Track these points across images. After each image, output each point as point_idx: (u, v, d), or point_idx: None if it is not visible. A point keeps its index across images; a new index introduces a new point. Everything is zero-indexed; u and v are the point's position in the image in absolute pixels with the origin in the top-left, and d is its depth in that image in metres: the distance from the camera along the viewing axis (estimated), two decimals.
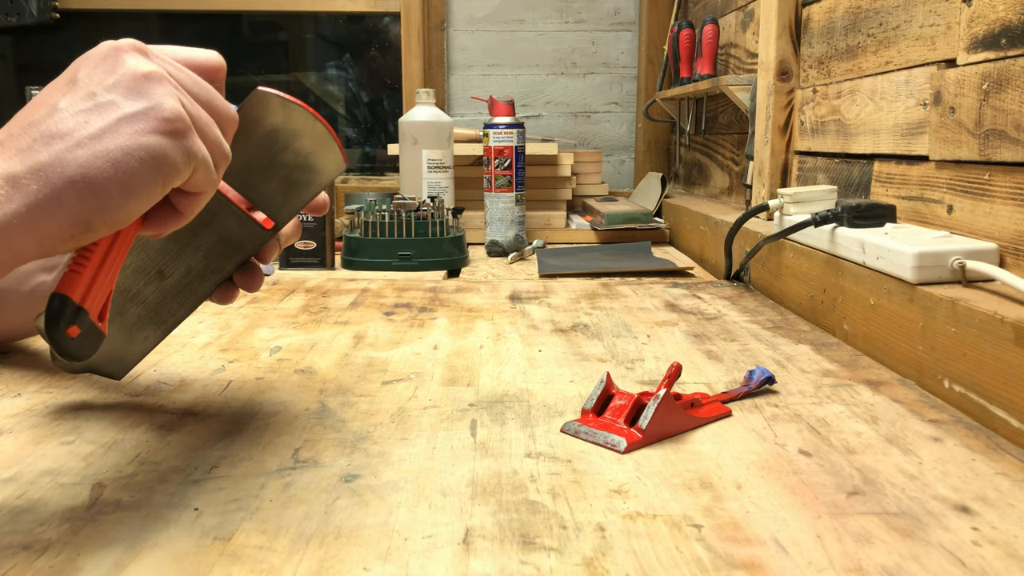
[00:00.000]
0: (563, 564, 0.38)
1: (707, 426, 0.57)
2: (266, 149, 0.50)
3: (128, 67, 0.41)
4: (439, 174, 1.47)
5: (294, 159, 0.51)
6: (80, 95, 0.40)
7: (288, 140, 0.50)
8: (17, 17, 1.98)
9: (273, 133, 0.50)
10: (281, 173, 0.51)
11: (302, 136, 0.50)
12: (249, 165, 0.51)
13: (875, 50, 0.92)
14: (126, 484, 0.47)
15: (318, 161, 0.51)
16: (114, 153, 0.39)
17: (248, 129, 0.49)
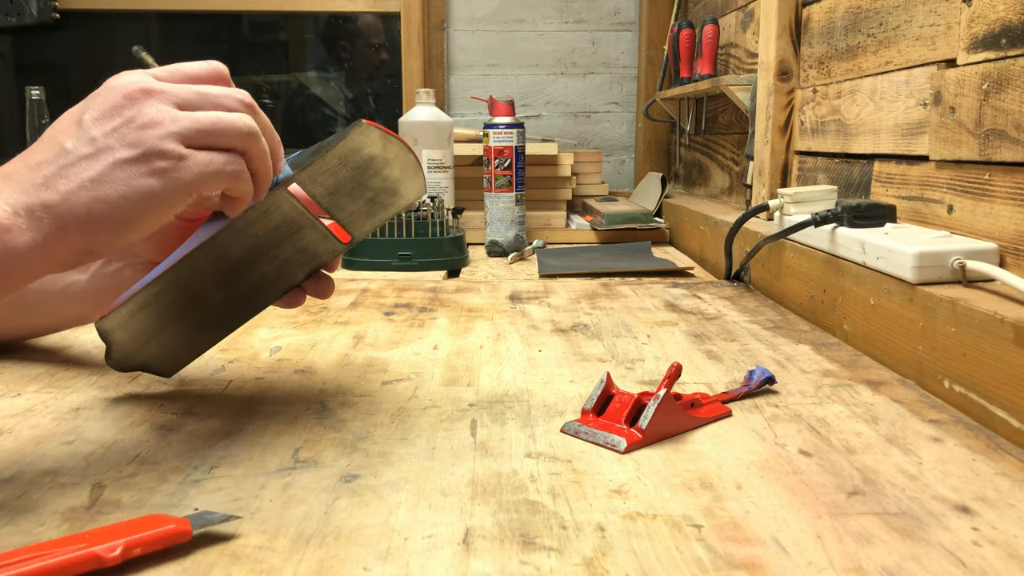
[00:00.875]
0: (563, 564, 0.38)
1: (707, 426, 0.57)
2: (359, 174, 0.55)
3: (127, 115, 0.45)
4: (439, 174, 1.47)
5: (382, 184, 0.56)
6: (83, 140, 0.45)
7: (380, 167, 0.55)
8: (17, 17, 1.98)
9: (368, 161, 0.55)
10: (367, 195, 0.56)
11: (394, 165, 0.55)
12: (340, 187, 0.55)
13: (875, 50, 0.92)
14: (126, 484, 0.47)
15: (403, 187, 0.56)
16: (111, 197, 0.44)
17: (346, 157, 0.54)
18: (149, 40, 2.11)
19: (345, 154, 0.53)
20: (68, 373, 0.68)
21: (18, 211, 0.44)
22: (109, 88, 0.46)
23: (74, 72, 2.19)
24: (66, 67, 2.18)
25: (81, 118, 0.46)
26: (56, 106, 1.55)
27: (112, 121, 0.45)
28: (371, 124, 0.53)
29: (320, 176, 0.54)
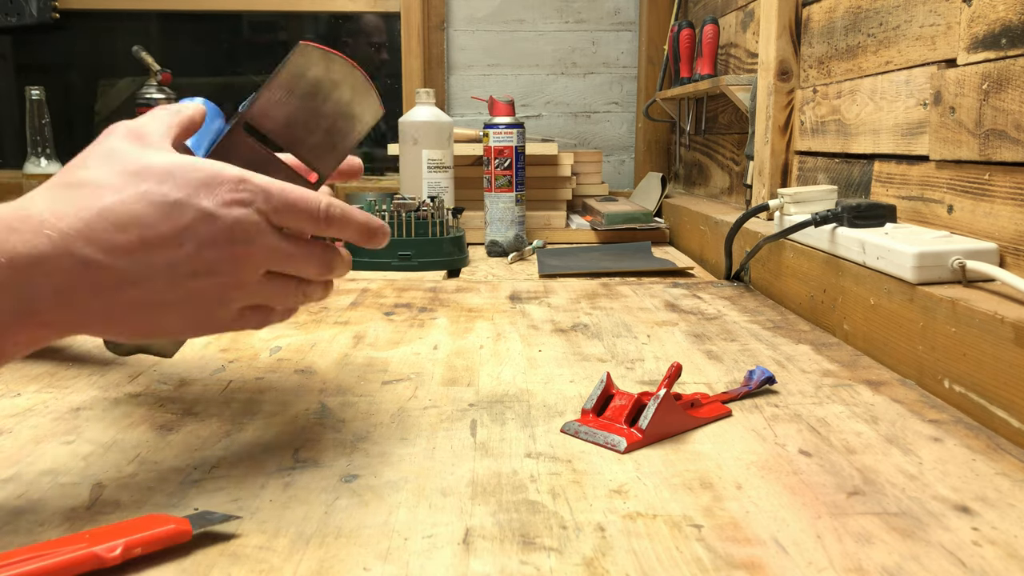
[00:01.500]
0: (563, 564, 0.38)
1: (707, 426, 0.57)
2: (309, 101, 0.52)
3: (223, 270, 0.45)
4: (439, 174, 1.47)
5: (335, 108, 0.53)
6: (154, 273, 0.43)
7: (329, 90, 0.52)
8: (17, 17, 1.98)
9: (316, 85, 0.52)
10: (324, 124, 0.53)
11: (342, 85, 0.52)
12: (294, 119, 0.52)
13: (875, 50, 0.92)
14: (126, 484, 0.47)
15: (358, 109, 0.53)
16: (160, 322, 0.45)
17: (291, 84, 0.52)
18: (149, 40, 2.11)
19: (290, 81, 0.51)
20: (68, 373, 0.68)
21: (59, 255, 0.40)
22: (215, 216, 0.44)
23: (74, 72, 2.19)
24: (66, 67, 2.18)
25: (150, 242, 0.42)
26: (56, 106, 1.55)
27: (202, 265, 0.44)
28: (310, 44, 0.51)
29: (271, 110, 0.52)
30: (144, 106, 1.66)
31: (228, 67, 2.19)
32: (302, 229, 0.48)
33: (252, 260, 0.45)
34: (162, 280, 0.43)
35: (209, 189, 0.44)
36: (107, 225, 0.41)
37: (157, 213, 0.42)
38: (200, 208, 0.43)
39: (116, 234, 0.41)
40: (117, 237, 0.41)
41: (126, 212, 0.42)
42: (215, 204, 0.43)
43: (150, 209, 0.42)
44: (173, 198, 0.43)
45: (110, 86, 2.15)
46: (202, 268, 0.44)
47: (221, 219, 0.44)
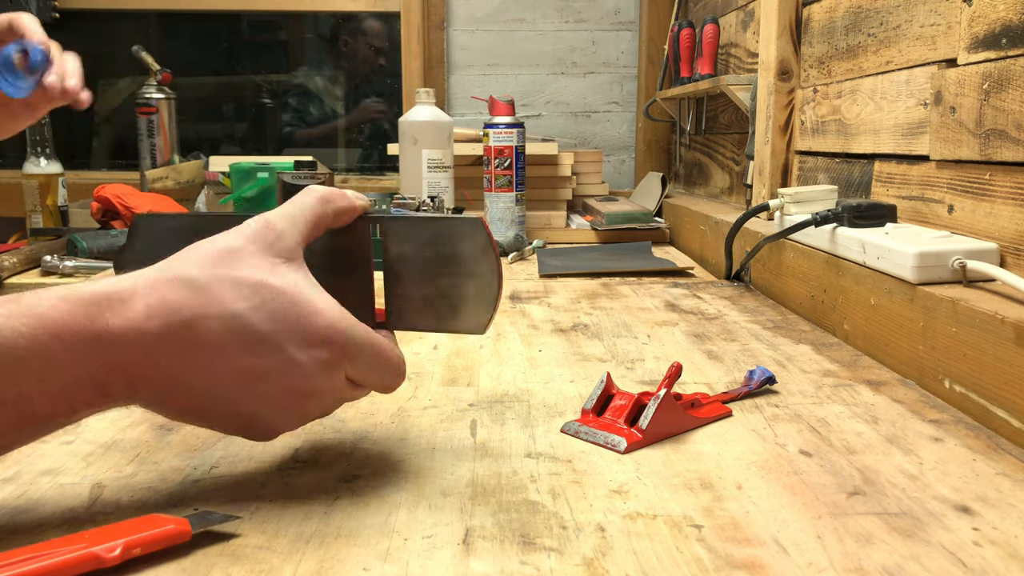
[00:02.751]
0: (563, 564, 0.38)
1: (707, 426, 0.57)
2: (438, 264, 0.50)
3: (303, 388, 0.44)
4: (439, 174, 1.47)
5: (449, 291, 0.50)
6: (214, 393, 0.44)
7: (461, 273, 0.50)
8: None
9: (456, 257, 0.49)
10: (430, 291, 0.50)
11: (474, 280, 0.50)
12: (413, 262, 0.50)
13: (876, 50, 0.92)
14: (126, 484, 0.47)
15: (466, 310, 0.50)
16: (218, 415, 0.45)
17: (440, 237, 0.49)
18: (149, 40, 2.11)
19: (440, 233, 0.49)
20: None
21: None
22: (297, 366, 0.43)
23: None
24: None
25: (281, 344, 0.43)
26: None
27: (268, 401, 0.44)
28: (485, 226, 0.49)
29: (405, 236, 0.49)
30: (144, 106, 1.66)
31: (228, 67, 2.19)
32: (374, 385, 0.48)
33: (317, 402, 0.46)
34: (223, 399, 0.44)
35: (300, 336, 0.43)
36: (189, 335, 0.42)
37: (238, 340, 0.42)
38: (284, 352, 0.43)
39: (194, 347, 0.42)
40: (193, 351, 0.42)
41: (212, 329, 0.42)
42: (301, 357, 0.43)
43: (233, 335, 0.42)
44: (261, 330, 0.42)
45: (110, 86, 2.15)
46: (266, 400, 0.44)
47: (299, 374, 0.44)
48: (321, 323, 0.43)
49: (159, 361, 0.42)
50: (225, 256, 0.43)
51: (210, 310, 0.42)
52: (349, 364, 0.45)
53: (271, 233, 0.44)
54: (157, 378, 0.42)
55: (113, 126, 2.15)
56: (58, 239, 1.38)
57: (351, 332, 0.44)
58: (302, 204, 0.46)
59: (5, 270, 1.21)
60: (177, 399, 0.44)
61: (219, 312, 0.42)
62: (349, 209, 0.48)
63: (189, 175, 1.63)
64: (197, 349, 0.42)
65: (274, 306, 0.43)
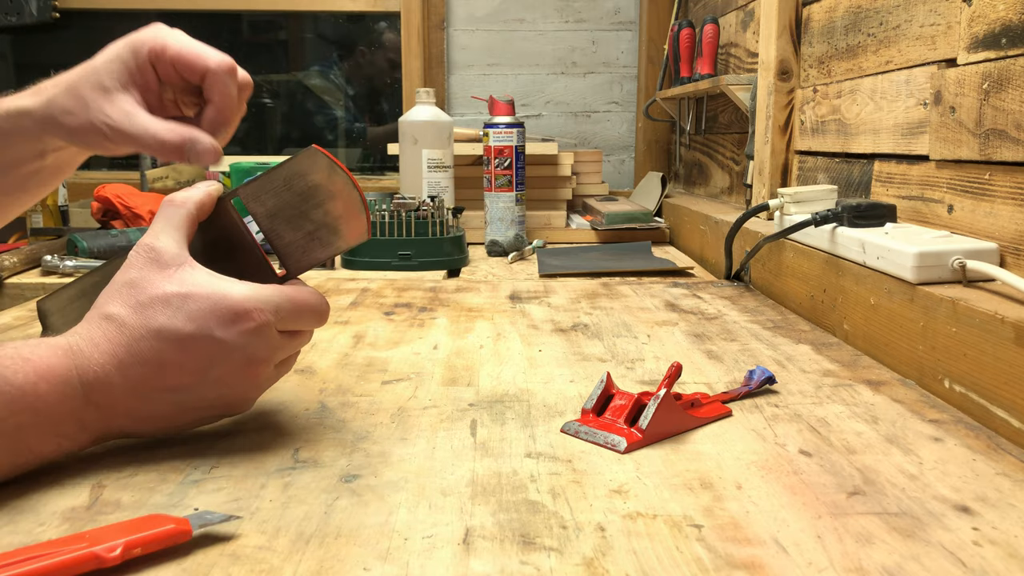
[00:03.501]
0: (563, 564, 0.38)
1: (707, 426, 0.57)
2: (302, 201, 0.54)
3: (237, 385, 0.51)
4: (439, 174, 1.47)
5: (323, 218, 0.54)
6: (179, 396, 0.50)
7: (324, 199, 0.54)
8: (17, 17, 1.98)
9: (313, 189, 0.53)
10: (307, 227, 0.54)
11: (338, 198, 0.54)
12: (281, 212, 0.54)
13: (875, 49, 0.92)
14: (126, 484, 0.47)
15: (345, 226, 0.54)
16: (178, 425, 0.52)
17: (291, 180, 0.53)
18: None
19: (290, 176, 0.53)
20: None
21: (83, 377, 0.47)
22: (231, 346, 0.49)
23: None
24: (66, 67, 2.17)
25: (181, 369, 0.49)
26: None
27: (224, 382, 0.50)
28: (320, 150, 0.53)
29: (263, 195, 0.53)
30: None
31: None
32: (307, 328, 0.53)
33: (268, 364, 0.52)
34: (187, 398, 0.50)
35: (221, 320, 0.48)
36: (133, 361, 0.48)
37: (172, 348, 0.48)
38: (215, 339, 0.48)
39: (141, 368, 0.48)
40: (143, 372, 0.48)
41: (147, 349, 0.48)
42: (230, 335, 0.49)
43: (166, 346, 0.48)
44: (187, 332, 0.48)
45: None
46: (224, 378, 0.50)
47: (238, 349, 0.49)
48: (234, 300, 0.49)
49: (122, 388, 0.48)
50: (128, 288, 0.49)
51: (138, 334, 0.48)
52: (275, 321, 0.50)
53: (152, 252, 0.50)
54: (126, 404, 0.48)
55: None
56: (58, 239, 1.39)
57: (260, 295, 0.50)
58: (166, 215, 0.52)
59: (5, 270, 1.21)
60: (149, 418, 0.50)
61: (146, 333, 0.48)
62: (206, 199, 0.53)
63: (189, 175, 1.63)
64: (146, 368, 0.48)
65: (189, 307, 0.48)
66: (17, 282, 1.21)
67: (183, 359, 0.48)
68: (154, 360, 0.48)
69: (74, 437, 0.48)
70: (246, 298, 0.49)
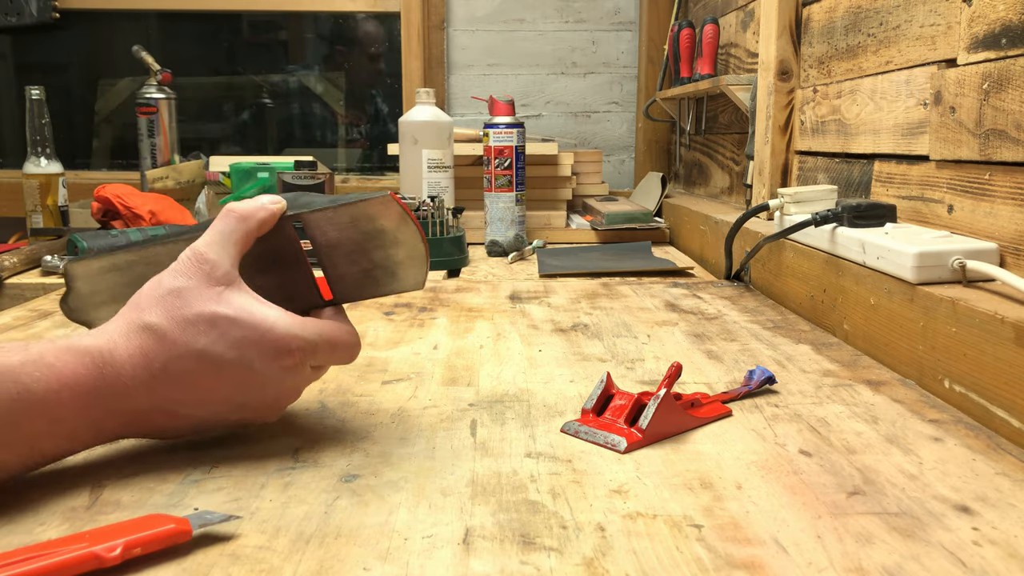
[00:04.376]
0: (563, 564, 0.38)
1: (707, 426, 0.57)
2: (365, 240, 0.54)
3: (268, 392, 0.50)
4: (439, 174, 1.47)
5: (383, 261, 0.54)
6: (206, 415, 0.50)
7: (388, 244, 0.54)
8: (17, 17, 1.98)
9: (379, 232, 0.53)
10: (365, 265, 0.54)
11: (402, 247, 0.54)
12: (341, 245, 0.54)
13: (875, 50, 0.92)
14: (126, 484, 0.47)
15: (403, 272, 0.54)
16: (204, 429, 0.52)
17: (358, 219, 0.53)
18: (149, 40, 2.11)
19: (358, 216, 0.53)
20: None
21: None
22: (267, 378, 0.49)
23: (74, 72, 2.19)
24: (66, 67, 2.18)
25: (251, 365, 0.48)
26: (56, 106, 1.55)
27: (250, 408, 0.50)
28: (395, 199, 0.53)
29: (327, 226, 0.53)
30: (144, 106, 1.66)
31: (228, 67, 2.19)
32: (336, 364, 0.53)
33: (296, 397, 0.52)
34: (209, 417, 0.50)
35: (263, 353, 0.48)
36: (167, 377, 0.47)
37: (209, 371, 0.47)
38: (253, 370, 0.48)
39: (173, 385, 0.47)
40: (174, 389, 0.47)
41: (183, 368, 0.47)
42: (269, 369, 0.48)
43: (203, 368, 0.47)
44: (228, 359, 0.47)
45: (110, 86, 2.15)
46: (250, 403, 0.50)
47: (272, 383, 0.49)
48: (279, 335, 0.48)
49: (149, 403, 0.47)
50: (173, 298, 0.47)
51: (177, 351, 0.47)
52: (311, 359, 0.50)
53: (206, 264, 0.48)
54: (149, 417, 0.48)
55: (113, 126, 2.15)
56: (58, 239, 1.38)
57: (305, 333, 0.49)
58: (225, 228, 0.50)
59: (5, 270, 1.21)
60: (168, 429, 0.50)
61: (186, 352, 0.47)
62: (269, 219, 0.52)
63: (189, 175, 1.63)
64: (177, 387, 0.47)
65: (234, 333, 0.47)
66: (17, 282, 1.21)
67: (216, 384, 0.48)
68: (188, 379, 0.47)
69: (88, 442, 0.48)
70: (291, 335, 0.48)
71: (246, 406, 0.50)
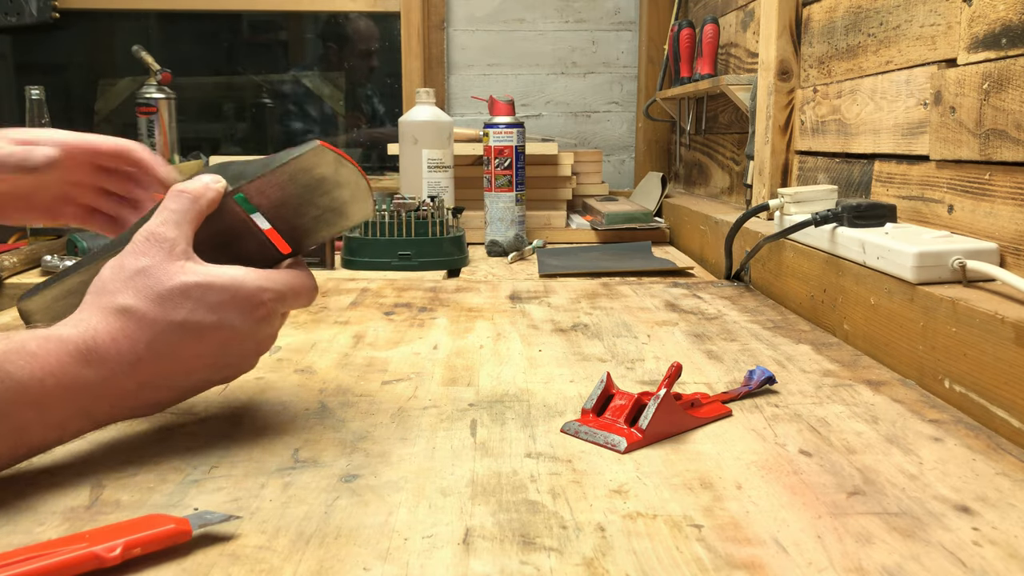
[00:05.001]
0: (563, 564, 0.38)
1: (707, 426, 0.57)
2: (308, 192, 0.55)
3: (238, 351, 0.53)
4: (439, 174, 1.47)
5: (330, 203, 0.55)
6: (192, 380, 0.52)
7: (331, 188, 0.55)
8: (17, 17, 1.98)
9: (319, 181, 0.54)
10: (313, 212, 0.55)
11: (344, 187, 0.55)
12: (287, 202, 0.54)
13: (875, 50, 0.92)
14: (126, 484, 0.47)
15: (351, 208, 0.56)
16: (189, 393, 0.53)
17: (297, 175, 0.54)
18: (149, 40, 2.11)
19: (296, 172, 0.54)
20: None
21: None
22: (245, 332, 0.51)
23: (74, 72, 2.19)
24: (66, 67, 2.18)
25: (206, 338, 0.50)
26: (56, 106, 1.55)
27: (233, 360, 0.53)
28: (326, 147, 0.53)
29: (268, 189, 0.54)
30: (144, 106, 1.66)
31: (228, 67, 2.19)
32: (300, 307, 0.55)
33: (271, 344, 0.55)
34: (195, 382, 0.52)
35: (239, 309, 0.50)
36: (152, 356, 0.48)
37: (192, 340, 0.49)
38: (233, 328, 0.50)
39: (159, 362, 0.48)
40: (161, 365, 0.49)
41: (167, 343, 0.48)
42: (246, 323, 0.50)
43: (186, 337, 0.48)
44: (209, 323, 0.49)
45: (110, 86, 2.15)
46: (232, 361, 0.52)
47: (251, 335, 0.51)
48: (250, 289, 0.50)
49: (136, 382, 0.48)
50: (142, 278, 0.48)
51: (159, 328, 0.48)
52: (280, 306, 0.52)
53: (165, 242, 0.50)
54: (137, 395, 0.49)
55: (113, 126, 2.15)
56: (58, 239, 1.38)
57: (272, 284, 0.51)
58: (179, 207, 0.51)
59: (5, 270, 1.21)
60: (156, 404, 0.51)
61: (168, 326, 0.48)
62: (216, 198, 0.53)
63: (189, 175, 1.63)
64: (164, 362, 0.49)
65: (209, 299, 0.49)
66: (17, 282, 1.21)
67: (201, 349, 0.49)
68: (173, 352, 0.48)
69: (77, 430, 0.48)
70: (260, 288, 0.50)
71: (229, 364, 0.52)
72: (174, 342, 0.48)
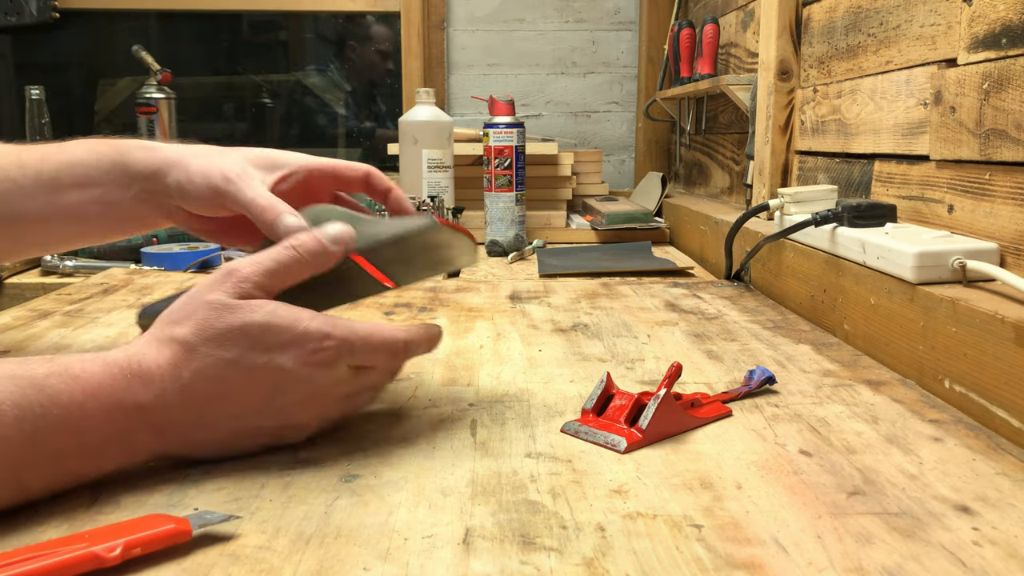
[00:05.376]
0: (563, 564, 0.38)
1: (707, 426, 0.56)
2: (420, 252, 0.57)
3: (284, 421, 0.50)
4: (439, 174, 1.47)
5: (438, 257, 0.59)
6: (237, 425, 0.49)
7: (442, 248, 0.59)
8: (17, 16, 1.98)
9: (434, 246, 0.58)
10: (421, 264, 0.59)
11: (455, 247, 0.59)
12: (396, 259, 0.56)
13: (876, 50, 0.92)
14: (126, 484, 0.47)
15: (458, 261, 0.61)
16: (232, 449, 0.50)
17: (410, 243, 0.55)
18: (149, 40, 2.11)
19: (410, 242, 0.55)
20: None
21: None
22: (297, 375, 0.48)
23: (74, 72, 2.19)
24: (66, 67, 2.18)
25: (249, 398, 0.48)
26: (56, 106, 1.55)
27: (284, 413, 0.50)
28: (442, 222, 0.56)
29: (380, 250, 0.54)
30: (144, 106, 1.66)
31: (228, 67, 2.19)
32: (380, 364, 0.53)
33: (330, 397, 0.51)
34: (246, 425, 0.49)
35: (292, 350, 0.48)
36: (198, 386, 0.47)
37: (241, 376, 0.47)
38: (283, 369, 0.48)
39: (205, 394, 0.47)
40: (207, 398, 0.47)
41: (214, 375, 0.47)
42: (298, 366, 0.48)
43: (234, 373, 0.47)
44: (259, 362, 0.47)
45: (110, 86, 2.15)
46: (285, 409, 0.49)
47: (304, 380, 0.49)
48: (304, 330, 0.48)
49: (179, 415, 0.47)
50: (205, 309, 0.47)
51: (207, 361, 0.47)
52: (347, 357, 0.50)
53: (246, 282, 0.49)
54: (184, 428, 0.47)
55: (113, 126, 2.15)
56: None
57: (336, 331, 0.49)
58: (282, 262, 0.50)
59: (5, 270, 1.21)
60: (204, 443, 0.49)
61: (216, 361, 0.47)
62: (331, 263, 0.52)
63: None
64: (209, 396, 0.47)
65: (265, 339, 0.47)
66: (17, 282, 1.21)
67: (249, 388, 0.48)
68: (219, 387, 0.47)
69: (117, 458, 0.46)
70: (323, 333, 0.48)
71: (281, 412, 0.49)
72: (222, 376, 0.47)
